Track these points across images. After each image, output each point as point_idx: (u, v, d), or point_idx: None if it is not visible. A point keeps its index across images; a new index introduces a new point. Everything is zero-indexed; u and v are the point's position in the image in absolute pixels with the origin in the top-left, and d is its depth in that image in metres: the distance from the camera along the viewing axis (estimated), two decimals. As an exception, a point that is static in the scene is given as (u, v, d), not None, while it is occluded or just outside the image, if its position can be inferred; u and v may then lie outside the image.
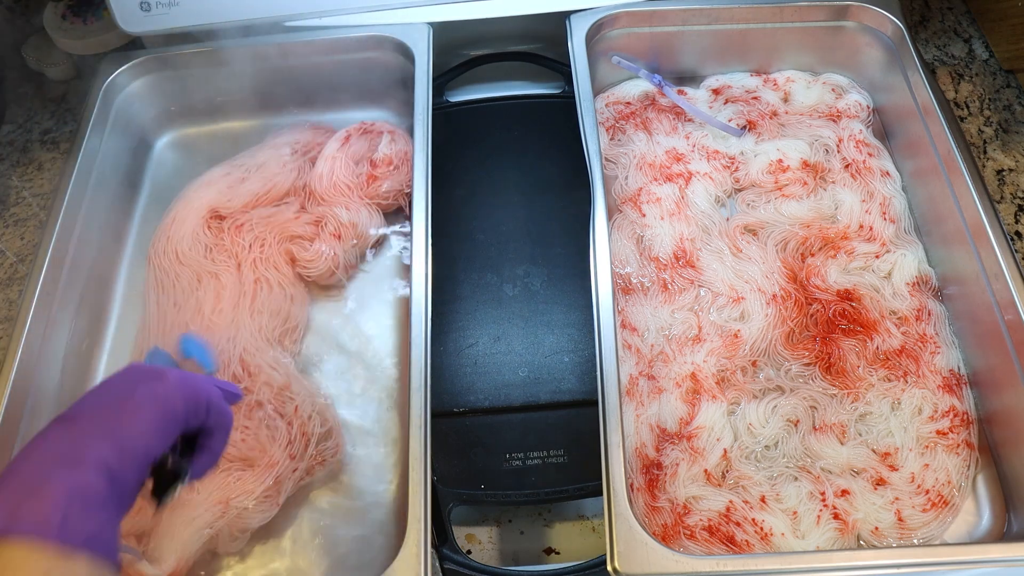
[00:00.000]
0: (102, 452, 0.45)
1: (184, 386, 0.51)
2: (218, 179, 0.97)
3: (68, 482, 0.43)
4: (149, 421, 0.48)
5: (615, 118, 1.03)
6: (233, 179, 0.97)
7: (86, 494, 0.43)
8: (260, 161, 0.98)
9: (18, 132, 1.12)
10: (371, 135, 1.00)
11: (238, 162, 0.99)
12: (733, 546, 0.73)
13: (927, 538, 0.74)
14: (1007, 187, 0.98)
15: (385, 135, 1.00)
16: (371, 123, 1.01)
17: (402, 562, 0.66)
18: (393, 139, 1.00)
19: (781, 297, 0.86)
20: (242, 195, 0.95)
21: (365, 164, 0.98)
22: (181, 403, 0.51)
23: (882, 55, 1.02)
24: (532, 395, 0.80)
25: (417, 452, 0.71)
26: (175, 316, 0.87)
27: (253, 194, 0.95)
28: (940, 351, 0.84)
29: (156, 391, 0.50)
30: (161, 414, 0.49)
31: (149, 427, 0.48)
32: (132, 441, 0.47)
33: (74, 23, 1.06)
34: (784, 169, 0.96)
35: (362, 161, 0.99)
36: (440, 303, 0.83)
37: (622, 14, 1.01)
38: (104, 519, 0.43)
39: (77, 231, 0.90)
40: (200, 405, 0.52)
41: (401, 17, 1.01)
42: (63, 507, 0.41)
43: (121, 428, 0.47)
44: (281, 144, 1.00)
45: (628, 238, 0.92)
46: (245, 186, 0.96)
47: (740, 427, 0.80)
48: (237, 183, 0.96)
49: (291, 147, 1.00)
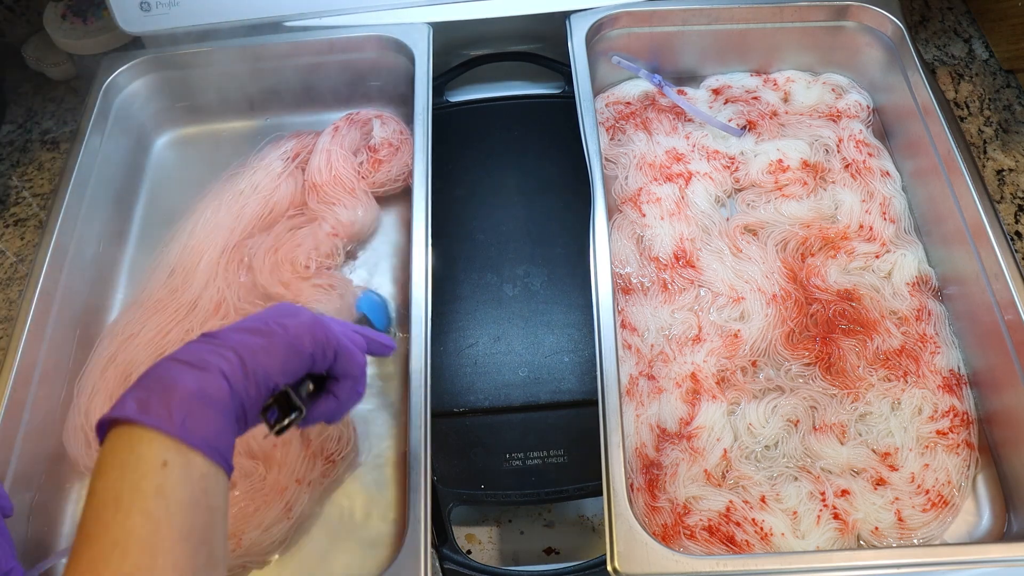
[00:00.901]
0: (228, 364, 0.49)
1: (316, 327, 0.54)
2: (221, 214, 0.95)
3: (194, 383, 0.47)
4: (275, 350, 0.51)
5: (615, 118, 1.03)
6: (236, 209, 0.96)
7: (208, 397, 0.47)
8: (256, 182, 0.97)
9: (18, 132, 1.12)
10: (360, 123, 1.01)
11: (235, 188, 0.98)
12: (733, 546, 0.73)
13: (927, 538, 0.74)
14: (1007, 187, 0.98)
15: (374, 120, 1.00)
16: (356, 112, 1.01)
17: (402, 562, 0.66)
18: (384, 122, 1.00)
19: (781, 297, 0.86)
20: (245, 225, 0.94)
21: (364, 152, 0.99)
22: (309, 341, 0.54)
23: (882, 55, 1.02)
24: (532, 395, 0.80)
25: (417, 452, 0.71)
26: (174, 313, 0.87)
27: (257, 217, 0.95)
28: (940, 351, 0.84)
29: (287, 324, 0.53)
30: (287, 346, 0.52)
31: (274, 355, 0.51)
32: (256, 363, 0.50)
33: (74, 23, 1.06)
34: (784, 169, 0.96)
35: (360, 150, 0.99)
36: (440, 303, 0.83)
37: (622, 14, 1.01)
38: (222, 425, 0.47)
39: (77, 231, 0.90)
40: (328, 348, 0.55)
41: (401, 17, 1.01)
42: (186, 405, 0.45)
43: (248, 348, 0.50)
44: (272, 160, 0.99)
45: (628, 238, 0.92)
46: (247, 211, 0.95)
47: (740, 427, 0.80)
48: (240, 211, 0.95)
49: (281, 159, 0.99)
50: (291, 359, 0.52)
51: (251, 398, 0.50)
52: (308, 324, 0.54)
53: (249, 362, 0.50)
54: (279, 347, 0.52)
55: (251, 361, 0.50)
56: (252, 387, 0.50)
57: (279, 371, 0.52)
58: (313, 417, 0.58)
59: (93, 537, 0.42)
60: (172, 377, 0.47)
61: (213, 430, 0.46)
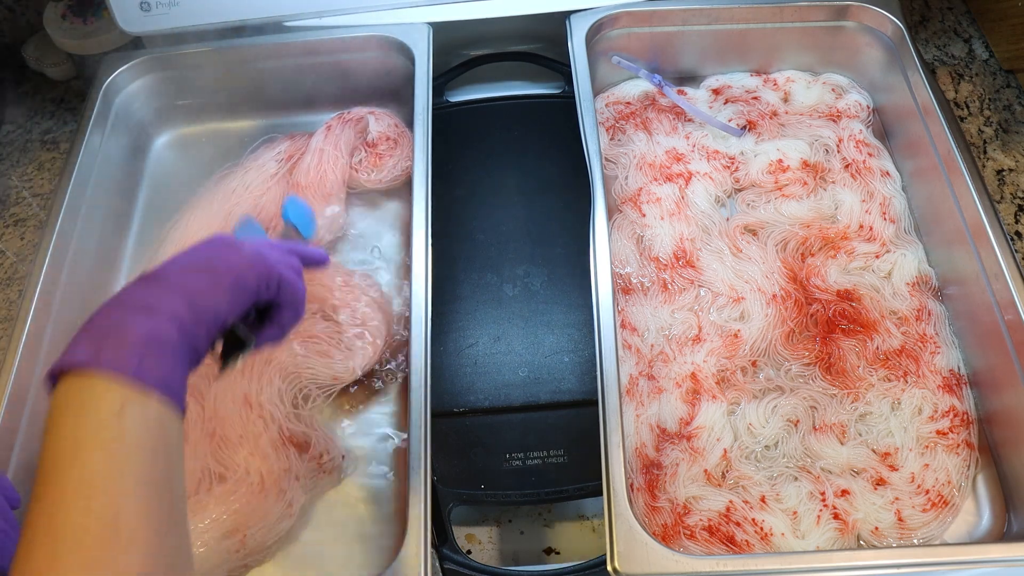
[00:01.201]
0: (177, 306, 0.49)
1: (257, 260, 0.55)
2: (213, 211, 0.95)
3: (145, 327, 0.47)
4: (221, 287, 0.52)
5: (615, 118, 1.03)
6: (227, 207, 0.95)
7: (160, 341, 0.47)
8: (247, 182, 0.97)
9: (18, 132, 1.12)
10: (354, 122, 1.01)
11: (226, 187, 0.98)
12: (733, 546, 0.73)
13: (927, 538, 0.74)
14: (1007, 187, 0.98)
15: (368, 117, 1.00)
16: (348, 111, 1.02)
17: (402, 562, 0.66)
18: (377, 117, 1.01)
19: (781, 297, 0.86)
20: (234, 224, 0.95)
21: (362, 150, 0.99)
22: (253, 276, 0.54)
23: (882, 55, 1.02)
24: (532, 395, 0.80)
25: (417, 452, 0.71)
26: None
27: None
28: (940, 351, 0.84)
29: (231, 261, 0.54)
30: (233, 282, 0.53)
31: (221, 292, 0.52)
32: (204, 302, 0.50)
33: (74, 23, 1.06)
34: (784, 169, 0.96)
35: (357, 149, 0.99)
36: (440, 303, 0.83)
37: (622, 14, 1.01)
38: (175, 366, 0.47)
39: (77, 231, 0.90)
40: (272, 280, 0.56)
41: (401, 17, 1.01)
42: (140, 349, 0.45)
43: (196, 289, 0.51)
44: (266, 160, 0.99)
45: (628, 238, 0.92)
46: (237, 211, 0.95)
47: (740, 427, 0.80)
48: (231, 209, 0.95)
49: (275, 160, 0.99)
50: (237, 295, 0.53)
51: (200, 337, 0.50)
52: (250, 258, 0.55)
53: (197, 302, 0.50)
54: (225, 284, 0.52)
55: (199, 301, 0.50)
56: (202, 327, 0.50)
57: (227, 308, 0.52)
58: (259, 346, 0.59)
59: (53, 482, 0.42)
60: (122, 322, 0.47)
61: (167, 372, 0.46)
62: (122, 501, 0.42)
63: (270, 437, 0.78)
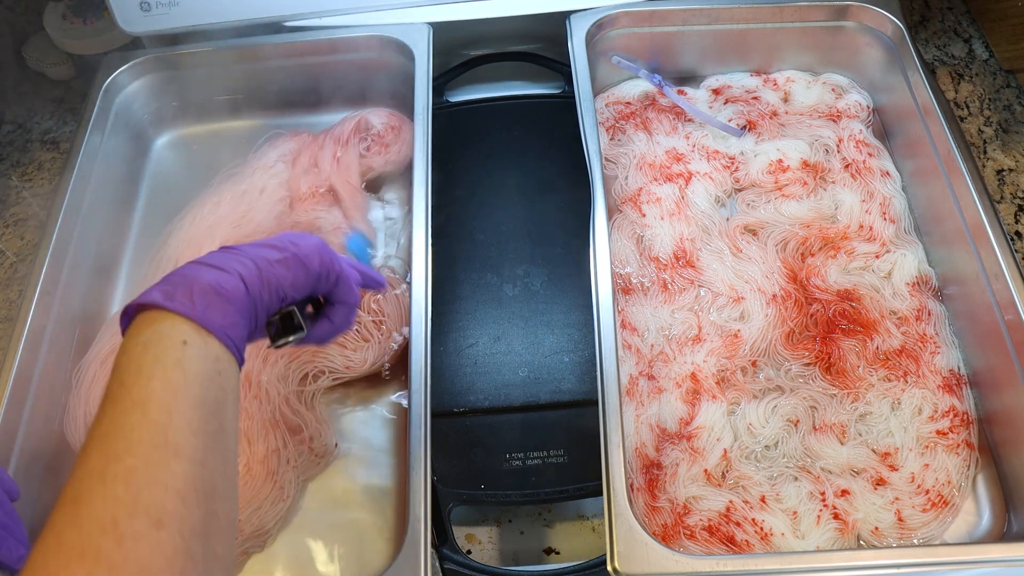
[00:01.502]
0: (245, 268, 0.54)
1: (323, 251, 0.59)
2: (223, 210, 0.95)
3: (214, 279, 0.51)
4: (288, 264, 0.56)
5: (615, 118, 1.03)
6: (242, 208, 0.96)
7: (226, 293, 0.51)
8: (261, 185, 0.97)
9: (18, 132, 1.12)
10: (356, 129, 1.02)
11: (237, 187, 0.98)
12: (733, 546, 0.73)
13: (927, 538, 0.74)
14: (1007, 187, 0.98)
15: (369, 117, 1.01)
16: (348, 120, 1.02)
17: (402, 562, 0.66)
18: (375, 113, 1.02)
19: (781, 297, 0.86)
20: (251, 230, 0.94)
21: (368, 139, 1.00)
22: (317, 262, 0.58)
23: (882, 55, 1.02)
24: (532, 395, 0.80)
25: (417, 452, 0.71)
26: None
27: (264, 222, 0.95)
28: (940, 351, 0.84)
29: (299, 243, 0.58)
30: (298, 263, 0.57)
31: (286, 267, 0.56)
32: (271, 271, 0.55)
33: (74, 23, 1.06)
34: (784, 169, 0.96)
35: (363, 139, 1.01)
36: (440, 303, 0.83)
37: (622, 14, 1.01)
38: (237, 320, 0.51)
39: (77, 231, 0.90)
40: (333, 272, 0.60)
41: (401, 17, 1.01)
42: (207, 298, 0.50)
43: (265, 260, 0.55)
44: (272, 160, 0.99)
45: (628, 238, 0.92)
46: (254, 215, 0.95)
47: (740, 427, 0.80)
48: (247, 211, 0.95)
49: (281, 160, 0.99)
50: (300, 275, 0.57)
51: (263, 302, 0.54)
52: (317, 246, 0.59)
53: (265, 270, 0.55)
54: (291, 262, 0.57)
55: (267, 270, 0.55)
56: (266, 292, 0.54)
57: (290, 284, 0.56)
58: (311, 337, 0.62)
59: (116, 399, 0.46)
60: (195, 274, 0.52)
61: (229, 320, 0.51)
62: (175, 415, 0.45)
63: (262, 418, 0.79)
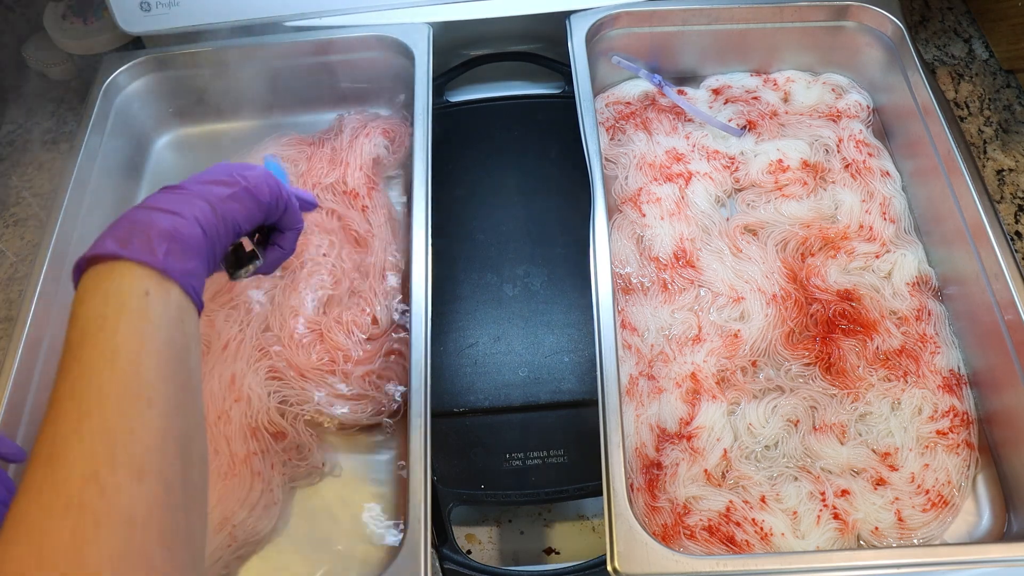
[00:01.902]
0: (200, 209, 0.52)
1: (271, 180, 0.59)
2: None
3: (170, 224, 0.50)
4: (239, 197, 0.56)
5: (615, 118, 1.03)
6: None
7: (184, 238, 0.50)
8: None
9: (18, 132, 1.12)
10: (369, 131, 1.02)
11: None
12: (733, 546, 0.73)
13: (927, 538, 0.74)
14: (1007, 187, 0.98)
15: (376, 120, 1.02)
16: (362, 119, 1.02)
17: (402, 562, 0.66)
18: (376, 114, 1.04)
19: (781, 297, 0.86)
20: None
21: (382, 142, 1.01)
22: (267, 193, 0.58)
23: (882, 55, 1.02)
24: (532, 395, 0.80)
25: (417, 452, 0.71)
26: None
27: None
28: (940, 351, 0.84)
29: (248, 176, 0.58)
30: (249, 195, 0.57)
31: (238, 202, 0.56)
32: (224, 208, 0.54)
33: (74, 23, 1.06)
34: (784, 169, 0.96)
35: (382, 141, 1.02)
36: (440, 303, 0.83)
37: (622, 14, 1.01)
38: (196, 264, 0.51)
39: (77, 231, 0.90)
40: (281, 201, 0.60)
41: (401, 17, 1.01)
42: (166, 243, 0.49)
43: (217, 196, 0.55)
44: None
45: (628, 238, 0.92)
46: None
47: (740, 427, 0.80)
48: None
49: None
50: (252, 207, 0.57)
51: (219, 241, 0.54)
52: (264, 176, 0.59)
53: (219, 208, 0.54)
54: (242, 195, 0.56)
55: (220, 208, 0.54)
56: (222, 230, 0.54)
57: (244, 218, 0.56)
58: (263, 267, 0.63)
59: (81, 351, 0.44)
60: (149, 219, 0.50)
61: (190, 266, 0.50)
62: (144, 365, 0.44)
63: (246, 422, 0.79)
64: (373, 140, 0.98)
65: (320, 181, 0.96)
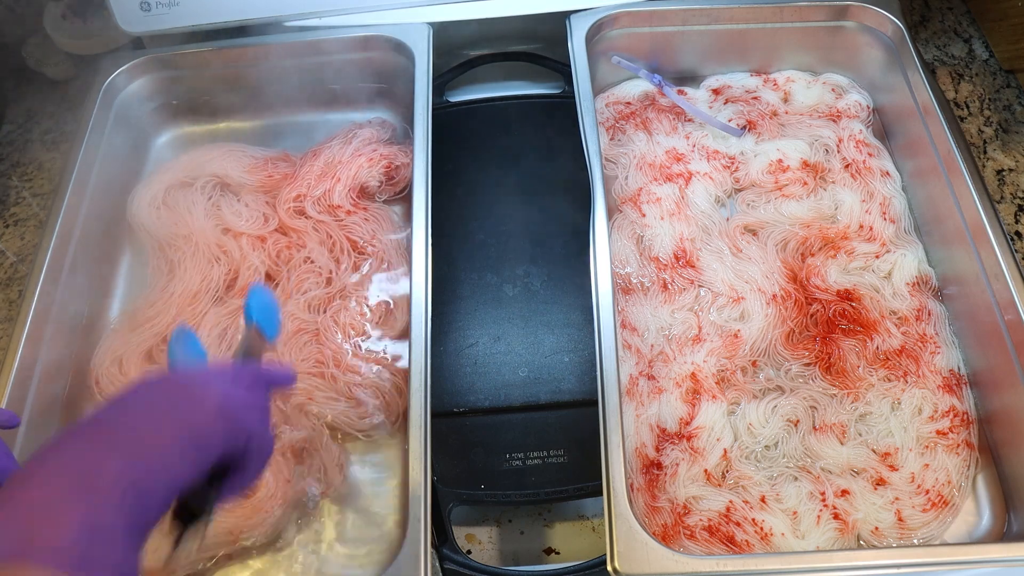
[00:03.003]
0: (124, 474, 0.40)
1: (225, 414, 0.46)
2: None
3: (86, 506, 0.38)
4: (180, 450, 0.43)
5: (615, 118, 1.03)
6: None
7: (105, 521, 0.39)
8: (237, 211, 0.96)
9: (18, 132, 1.12)
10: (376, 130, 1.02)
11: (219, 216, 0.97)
12: (733, 546, 0.73)
13: (927, 538, 0.74)
14: (1007, 187, 0.98)
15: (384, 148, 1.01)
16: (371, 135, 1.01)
17: (402, 562, 0.66)
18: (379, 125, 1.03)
19: (781, 297, 0.86)
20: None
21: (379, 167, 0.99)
22: (220, 434, 0.46)
23: (882, 55, 1.02)
24: (532, 395, 0.80)
25: (417, 452, 0.71)
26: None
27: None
28: (940, 351, 0.84)
29: (192, 418, 0.45)
30: (194, 442, 0.44)
31: (178, 457, 0.43)
32: (158, 469, 0.42)
33: (74, 23, 1.06)
34: (784, 169, 0.96)
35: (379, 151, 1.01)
36: (440, 303, 0.83)
37: (622, 14, 1.01)
38: (124, 549, 0.39)
39: (77, 231, 0.90)
40: (240, 436, 0.47)
41: (401, 17, 1.01)
42: (81, 535, 0.37)
43: (147, 451, 0.42)
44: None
45: (628, 238, 0.92)
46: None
47: (740, 427, 0.80)
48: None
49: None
50: (198, 458, 0.44)
51: (152, 511, 0.42)
52: (216, 412, 0.46)
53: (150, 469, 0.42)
54: (187, 447, 0.44)
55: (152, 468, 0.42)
56: (154, 505, 0.42)
57: (185, 475, 0.43)
58: (219, 502, 0.49)
59: None
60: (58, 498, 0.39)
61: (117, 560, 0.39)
62: None
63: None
64: (372, 170, 0.96)
65: (308, 193, 0.95)
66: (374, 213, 0.95)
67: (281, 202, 0.94)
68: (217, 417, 0.46)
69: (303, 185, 0.95)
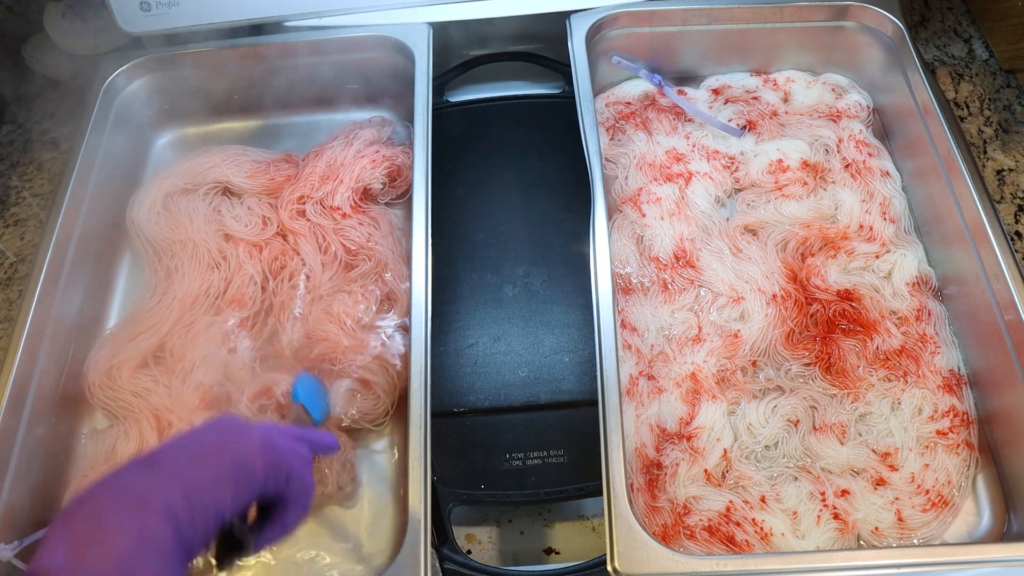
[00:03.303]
0: (173, 500, 0.44)
1: (268, 450, 0.50)
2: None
3: (136, 531, 0.41)
4: (225, 479, 0.47)
5: (615, 118, 1.03)
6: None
7: (153, 545, 0.42)
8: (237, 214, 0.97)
9: (18, 132, 1.12)
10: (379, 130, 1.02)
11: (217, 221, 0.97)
12: (733, 546, 0.73)
13: (927, 538, 0.74)
14: (1007, 187, 0.98)
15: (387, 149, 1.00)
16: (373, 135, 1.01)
17: (402, 562, 0.66)
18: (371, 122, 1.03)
19: (781, 297, 0.86)
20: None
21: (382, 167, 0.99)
22: (261, 467, 0.49)
23: (882, 55, 1.02)
24: (532, 395, 0.80)
25: (417, 452, 0.71)
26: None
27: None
28: (940, 351, 0.84)
29: (238, 449, 0.49)
30: (237, 475, 0.48)
31: (224, 485, 0.47)
32: (205, 495, 0.45)
33: (74, 23, 1.06)
34: (784, 169, 0.96)
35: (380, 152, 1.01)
36: (440, 303, 0.83)
37: (622, 14, 1.01)
38: (169, 568, 0.42)
39: (77, 231, 0.90)
40: (281, 473, 0.51)
41: (401, 17, 1.01)
42: (130, 559, 0.40)
43: (196, 480, 0.45)
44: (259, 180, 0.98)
45: (628, 238, 0.92)
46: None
47: (740, 427, 0.80)
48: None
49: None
50: (242, 488, 0.48)
51: (198, 535, 0.45)
52: (259, 448, 0.50)
53: (197, 495, 0.45)
54: (230, 476, 0.47)
55: (199, 494, 0.45)
56: (200, 524, 0.45)
57: (230, 503, 0.47)
58: (258, 547, 0.53)
59: None
60: (110, 519, 0.42)
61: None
62: None
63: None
64: (375, 172, 0.96)
65: (311, 194, 0.95)
66: (373, 216, 0.94)
67: (283, 203, 0.94)
68: (260, 452, 0.49)
69: (306, 186, 0.95)
